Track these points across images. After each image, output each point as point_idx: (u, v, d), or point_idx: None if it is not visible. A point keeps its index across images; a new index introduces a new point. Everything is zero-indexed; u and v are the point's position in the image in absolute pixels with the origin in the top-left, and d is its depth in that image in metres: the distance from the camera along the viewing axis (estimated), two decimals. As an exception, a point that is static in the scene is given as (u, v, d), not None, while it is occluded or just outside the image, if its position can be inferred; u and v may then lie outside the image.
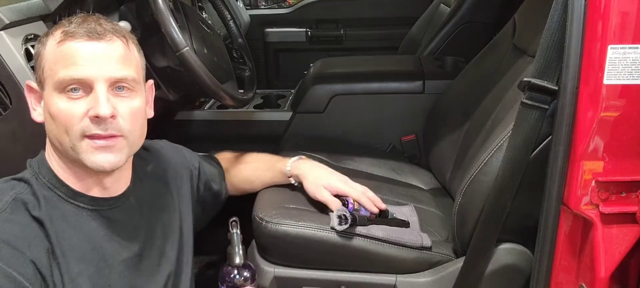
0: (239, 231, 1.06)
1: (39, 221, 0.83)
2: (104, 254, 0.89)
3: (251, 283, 1.10)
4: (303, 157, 1.35)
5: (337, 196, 1.25)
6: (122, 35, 0.89)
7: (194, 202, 1.17)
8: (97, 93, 0.84)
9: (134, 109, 0.89)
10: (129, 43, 0.91)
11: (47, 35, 0.89)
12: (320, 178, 1.27)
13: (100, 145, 0.85)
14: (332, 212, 1.22)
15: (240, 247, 1.07)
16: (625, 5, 0.88)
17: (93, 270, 0.87)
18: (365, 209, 1.24)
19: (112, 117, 0.85)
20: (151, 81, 1.00)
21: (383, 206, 1.28)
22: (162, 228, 1.02)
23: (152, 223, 1.00)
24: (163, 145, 1.17)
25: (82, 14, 0.90)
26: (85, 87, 0.84)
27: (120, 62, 0.87)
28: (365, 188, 1.29)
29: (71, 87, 0.84)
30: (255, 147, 2.00)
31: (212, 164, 1.31)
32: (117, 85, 0.87)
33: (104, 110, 0.83)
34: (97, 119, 0.84)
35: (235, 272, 1.09)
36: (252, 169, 1.36)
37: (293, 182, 1.33)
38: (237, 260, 1.07)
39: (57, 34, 0.86)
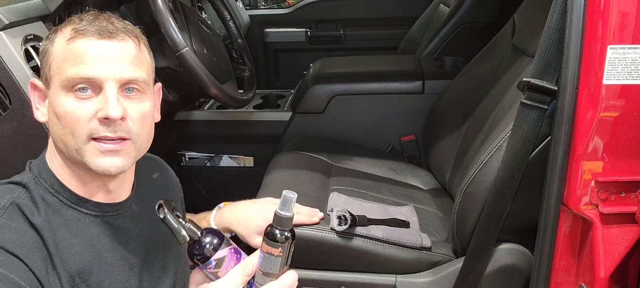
0: (166, 211, 0.85)
1: (36, 228, 0.80)
2: (106, 263, 0.87)
3: (222, 248, 0.86)
4: (221, 205, 1.22)
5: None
6: (134, 35, 0.87)
7: None
8: (106, 93, 0.81)
9: (144, 112, 0.86)
10: (141, 43, 0.88)
11: (55, 32, 0.85)
12: (250, 219, 1.14)
13: (107, 148, 0.82)
14: (332, 211, 1.22)
15: (180, 223, 0.85)
16: (625, 6, 0.88)
17: (95, 279, 0.85)
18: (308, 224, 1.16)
19: (122, 119, 0.81)
20: (159, 84, 0.97)
21: (321, 215, 1.21)
22: (161, 238, 1.00)
23: (153, 232, 0.98)
24: (158, 157, 1.13)
25: (93, 12, 0.87)
26: (94, 87, 0.81)
27: (132, 63, 0.84)
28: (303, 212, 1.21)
29: (80, 86, 0.80)
30: (255, 147, 2.01)
31: None
32: (127, 87, 0.84)
33: (114, 112, 0.80)
34: (106, 121, 0.80)
35: (196, 246, 0.86)
36: None
37: (227, 235, 1.06)
38: (184, 234, 0.84)
39: (67, 31, 0.83)
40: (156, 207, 0.85)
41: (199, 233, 0.85)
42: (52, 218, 0.83)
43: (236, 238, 1.13)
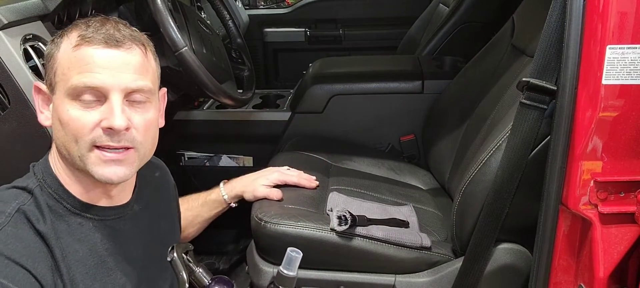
0: (175, 255, 0.90)
1: (42, 236, 0.80)
2: (109, 268, 0.87)
3: None
4: (224, 180, 1.37)
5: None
6: (141, 43, 0.86)
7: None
8: (112, 103, 0.80)
9: (148, 121, 0.86)
10: (147, 51, 0.87)
11: (61, 36, 0.85)
12: (256, 179, 1.33)
13: (110, 157, 0.82)
14: (331, 211, 1.22)
15: (190, 268, 0.89)
16: (624, 6, 0.88)
17: (98, 285, 0.85)
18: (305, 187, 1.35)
19: (126, 129, 0.81)
20: (164, 89, 0.97)
21: (316, 183, 1.40)
22: (162, 237, 1.01)
23: (154, 231, 0.99)
24: (157, 158, 1.13)
25: (100, 17, 0.86)
26: (99, 95, 0.81)
27: (138, 72, 0.83)
28: (299, 171, 1.41)
29: (85, 94, 0.80)
30: (255, 147, 2.01)
31: None
32: (132, 96, 0.83)
33: (119, 122, 0.80)
34: (110, 131, 0.80)
35: None
36: (185, 210, 1.26)
37: (233, 205, 1.34)
38: (184, 276, 0.88)
39: (73, 37, 0.82)
40: (168, 249, 0.88)
41: (208, 279, 0.86)
42: (56, 224, 0.83)
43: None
